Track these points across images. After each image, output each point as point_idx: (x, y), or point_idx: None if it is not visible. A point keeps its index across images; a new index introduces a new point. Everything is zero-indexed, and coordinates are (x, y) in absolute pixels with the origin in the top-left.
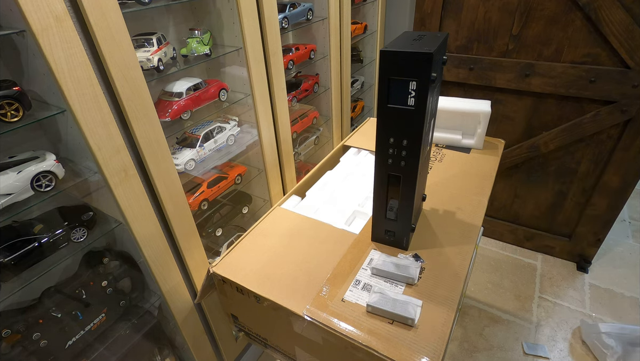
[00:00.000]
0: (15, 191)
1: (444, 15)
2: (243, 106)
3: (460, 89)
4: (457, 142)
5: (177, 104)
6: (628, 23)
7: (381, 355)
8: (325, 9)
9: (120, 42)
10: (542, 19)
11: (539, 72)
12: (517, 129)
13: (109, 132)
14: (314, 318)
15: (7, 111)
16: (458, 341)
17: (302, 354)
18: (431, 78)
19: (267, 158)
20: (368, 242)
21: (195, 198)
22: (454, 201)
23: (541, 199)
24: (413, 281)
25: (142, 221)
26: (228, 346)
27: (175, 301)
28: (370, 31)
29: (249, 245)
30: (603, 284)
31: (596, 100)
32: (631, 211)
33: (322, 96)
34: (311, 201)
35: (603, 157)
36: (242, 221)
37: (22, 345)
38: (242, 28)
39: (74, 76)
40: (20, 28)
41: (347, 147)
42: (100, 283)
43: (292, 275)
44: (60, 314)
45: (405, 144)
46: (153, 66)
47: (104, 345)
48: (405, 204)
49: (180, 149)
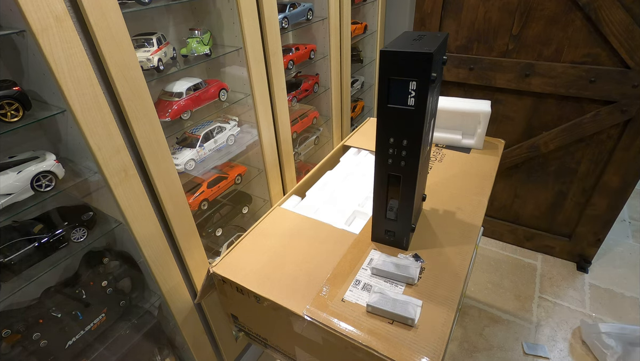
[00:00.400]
0: (15, 191)
1: (444, 15)
2: (243, 106)
3: (460, 89)
4: (457, 142)
5: (177, 104)
6: (628, 23)
7: (381, 355)
8: (325, 9)
9: (120, 42)
10: (542, 19)
11: (539, 72)
12: (517, 129)
13: (109, 132)
14: (314, 318)
15: (7, 111)
16: (458, 341)
17: (302, 354)
18: (431, 78)
19: (267, 158)
20: (368, 242)
21: (195, 198)
22: (454, 201)
23: (541, 199)
24: (413, 281)
25: (142, 221)
26: (228, 346)
27: (175, 301)
28: (370, 31)
29: (249, 245)
30: (603, 284)
31: (596, 100)
32: (631, 211)
33: (322, 96)
34: (311, 201)
35: (603, 157)
36: (242, 221)
37: (22, 345)
38: (242, 28)
39: (74, 76)
40: (20, 28)
41: (347, 147)
42: (100, 283)
43: (292, 275)
44: (60, 314)
45: (405, 144)
46: (153, 66)
47: (104, 345)
48: (405, 204)
49: (180, 149)
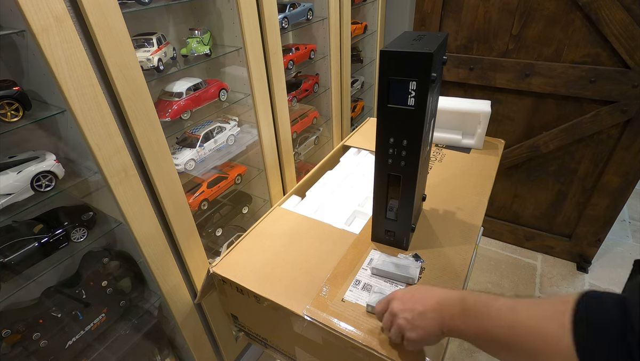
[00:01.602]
0: (15, 191)
1: (444, 15)
2: (243, 106)
3: (460, 89)
4: (457, 142)
5: (177, 104)
6: (628, 23)
7: (381, 355)
8: (325, 9)
9: (120, 42)
10: (542, 19)
11: (539, 72)
12: (517, 129)
13: (109, 132)
14: (314, 318)
15: (7, 111)
16: (458, 341)
17: (302, 354)
18: (431, 78)
19: (267, 158)
20: (368, 242)
21: (195, 198)
22: (454, 201)
23: (541, 199)
24: (413, 281)
25: (142, 221)
26: (228, 346)
27: (175, 301)
28: (370, 31)
29: (249, 245)
30: (603, 284)
31: (596, 100)
32: (631, 211)
33: (322, 96)
34: (311, 201)
35: (603, 157)
36: (242, 221)
37: (22, 345)
38: (242, 28)
39: (74, 76)
40: (20, 28)
41: (347, 147)
42: (100, 283)
43: (292, 275)
44: (60, 314)
45: (405, 144)
46: (153, 66)
47: (104, 345)
48: (405, 204)
49: (180, 149)
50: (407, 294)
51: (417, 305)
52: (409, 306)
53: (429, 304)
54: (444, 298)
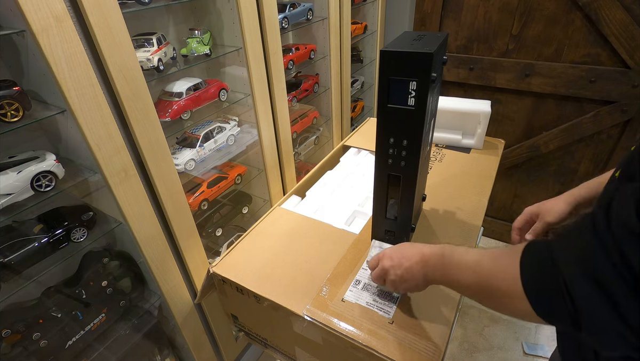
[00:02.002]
0: (15, 191)
1: (444, 15)
2: (243, 106)
3: (460, 89)
4: (457, 142)
5: (177, 104)
6: (628, 23)
7: (381, 355)
8: (325, 9)
9: (120, 42)
10: (542, 19)
11: (539, 72)
12: (517, 129)
13: (109, 132)
14: (314, 318)
15: (7, 111)
16: (458, 341)
17: (302, 354)
18: (431, 78)
19: (267, 158)
20: (368, 242)
21: (195, 198)
22: (454, 201)
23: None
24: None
25: (142, 221)
26: (228, 346)
27: (175, 301)
28: (370, 31)
29: (249, 245)
30: None
31: (596, 100)
32: None
33: (322, 96)
34: (311, 201)
35: (603, 157)
36: (242, 221)
37: (22, 345)
38: (242, 28)
39: (74, 76)
40: (20, 28)
41: (347, 147)
42: (100, 283)
43: (292, 275)
44: (60, 314)
45: (405, 144)
46: (153, 66)
47: (104, 345)
48: (405, 204)
49: (180, 149)
50: (395, 252)
51: (404, 261)
52: (397, 263)
53: (414, 260)
54: (427, 253)
